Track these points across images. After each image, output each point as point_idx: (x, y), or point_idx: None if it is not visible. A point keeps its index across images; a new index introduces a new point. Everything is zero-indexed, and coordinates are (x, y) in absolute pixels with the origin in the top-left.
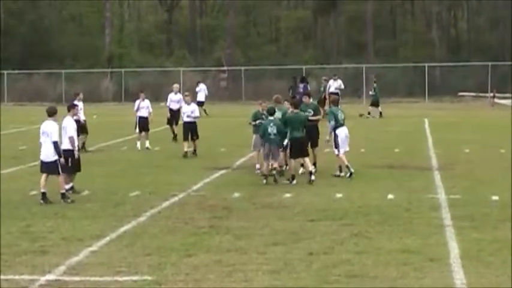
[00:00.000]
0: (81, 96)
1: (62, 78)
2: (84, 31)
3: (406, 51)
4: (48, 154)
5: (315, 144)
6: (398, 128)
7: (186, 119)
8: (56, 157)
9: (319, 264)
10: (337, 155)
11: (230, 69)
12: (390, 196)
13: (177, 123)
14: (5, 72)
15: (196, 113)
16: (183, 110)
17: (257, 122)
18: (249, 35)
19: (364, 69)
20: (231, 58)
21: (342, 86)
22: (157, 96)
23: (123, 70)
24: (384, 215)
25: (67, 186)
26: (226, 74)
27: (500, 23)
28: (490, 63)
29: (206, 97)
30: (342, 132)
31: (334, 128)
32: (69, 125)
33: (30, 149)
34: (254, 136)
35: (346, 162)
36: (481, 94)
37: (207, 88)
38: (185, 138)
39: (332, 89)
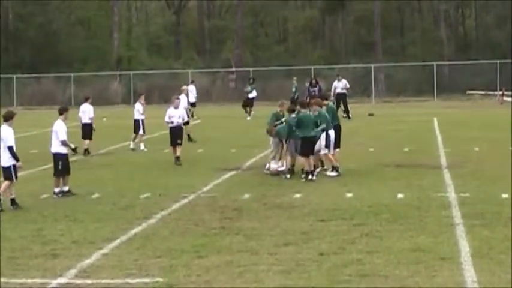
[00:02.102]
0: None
1: (71, 81)
2: (93, 34)
3: (414, 50)
4: (4, 159)
5: (337, 145)
6: (407, 126)
7: (172, 124)
8: (11, 163)
9: (330, 264)
10: (326, 154)
11: (238, 70)
12: (400, 195)
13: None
14: (14, 76)
15: (185, 118)
16: (170, 114)
17: (277, 122)
18: (257, 35)
19: (372, 68)
20: (240, 59)
21: (348, 86)
22: (166, 98)
23: (131, 73)
24: (394, 214)
25: (56, 190)
26: (234, 74)
27: (508, 20)
28: (498, 61)
29: (196, 98)
30: (332, 133)
31: (327, 129)
32: (60, 128)
33: (41, 153)
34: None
35: (335, 163)
36: (490, 92)
37: (217, 89)
38: (173, 144)
39: (338, 90)
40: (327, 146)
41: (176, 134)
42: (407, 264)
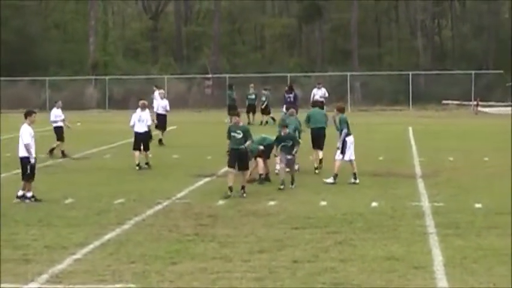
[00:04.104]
0: (59, 104)
1: (46, 85)
2: (69, 38)
3: (390, 59)
4: None
5: (320, 148)
6: (382, 135)
7: (137, 129)
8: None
9: (304, 272)
10: (340, 160)
11: (215, 77)
12: (374, 204)
13: (164, 129)
14: None
15: (149, 122)
16: (139, 118)
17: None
18: (234, 42)
19: (348, 77)
20: (216, 65)
21: (326, 94)
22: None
23: (107, 77)
24: (368, 223)
25: (28, 194)
26: (211, 81)
27: (484, 31)
28: (473, 72)
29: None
30: (350, 139)
31: (344, 136)
32: (25, 132)
33: (15, 157)
34: None
35: (337, 171)
36: (464, 102)
37: (193, 95)
38: (137, 148)
39: (317, 97)
40: (343, 152)
41: (141, 139)
42: (381, 272)
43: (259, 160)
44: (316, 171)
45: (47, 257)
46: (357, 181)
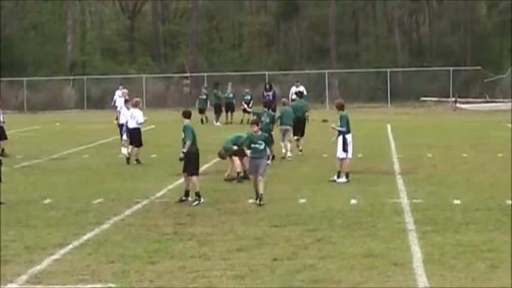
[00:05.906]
0: None
1: (23, 86)
2: (46, 39)
3: (368, 56)
4: None
5: (302, 134)
6: (361, 133)
7: (130, 126)
8: None
9: (283, 269)
10: (344, 159)
11: (193, 75)
12: (353, 201)
13: None
14: None
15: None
16: (131, 115)
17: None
18: (211, 40)
19: (326, 74)
20: (194, 64)
21: (305, 92)
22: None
23: (85, 77)
24: (348, 220)
25: None
26: (189, 80)
27: (461, 27)
28: (451, 68)
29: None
30: (349, 137)
31: (344, 133)
32: None
33: None
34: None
35: (348, 170)
36: (443, 99)
37: (172, 94)
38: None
39: (294, 96)
40: (345, 150)
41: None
42: (360, 269)
43: (235, 158)
44: (300, 152)
45: (26, 257)
46: (341, 180)
